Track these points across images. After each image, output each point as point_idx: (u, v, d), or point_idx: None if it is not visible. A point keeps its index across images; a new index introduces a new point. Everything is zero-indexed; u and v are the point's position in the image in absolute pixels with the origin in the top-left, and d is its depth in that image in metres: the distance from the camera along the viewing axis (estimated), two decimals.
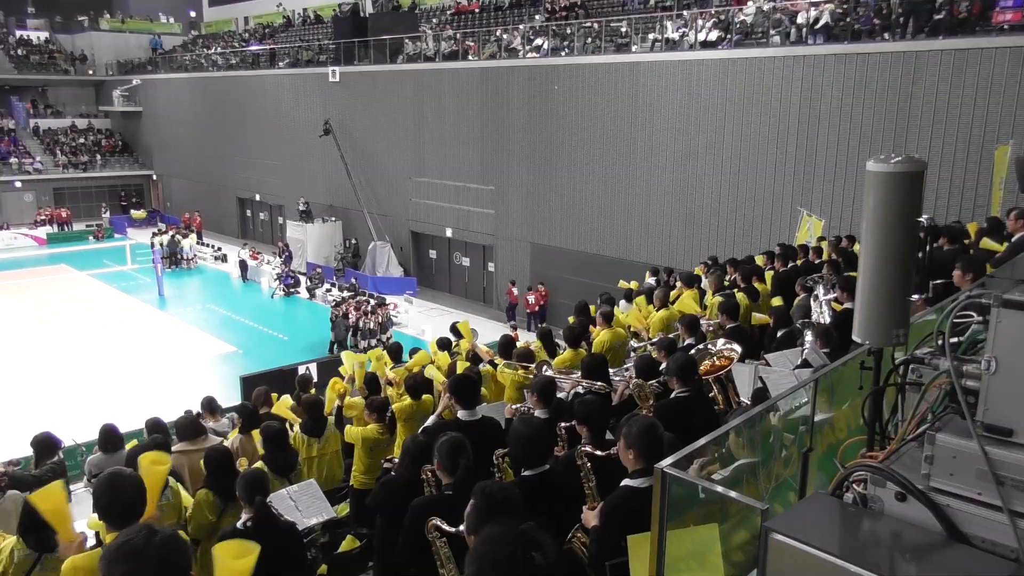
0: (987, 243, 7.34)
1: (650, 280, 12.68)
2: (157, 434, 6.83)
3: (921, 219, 2.69)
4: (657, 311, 8.86)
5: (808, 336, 6.14)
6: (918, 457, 1.91)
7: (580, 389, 5.62)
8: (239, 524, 4.25)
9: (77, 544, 3.46)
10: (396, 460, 5.14)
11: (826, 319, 7.05)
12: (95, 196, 42.24)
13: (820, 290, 7.80)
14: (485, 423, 5.04)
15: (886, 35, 15.17)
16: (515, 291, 22.34)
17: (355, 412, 7.00)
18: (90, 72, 46.10)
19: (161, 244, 30.13)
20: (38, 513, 3.63)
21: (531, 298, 21.67)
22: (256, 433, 6.19)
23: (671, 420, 4.33)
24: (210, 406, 8.08)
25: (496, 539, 1.84)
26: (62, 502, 3.41)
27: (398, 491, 4.46)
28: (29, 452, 9.29)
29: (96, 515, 3.56)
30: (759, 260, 11.65)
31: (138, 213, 41.63)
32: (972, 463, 1.78)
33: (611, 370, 6.67)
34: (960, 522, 1.78)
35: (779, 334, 7.30)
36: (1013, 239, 7.17)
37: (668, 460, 2.17)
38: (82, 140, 44.31)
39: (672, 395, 4.95)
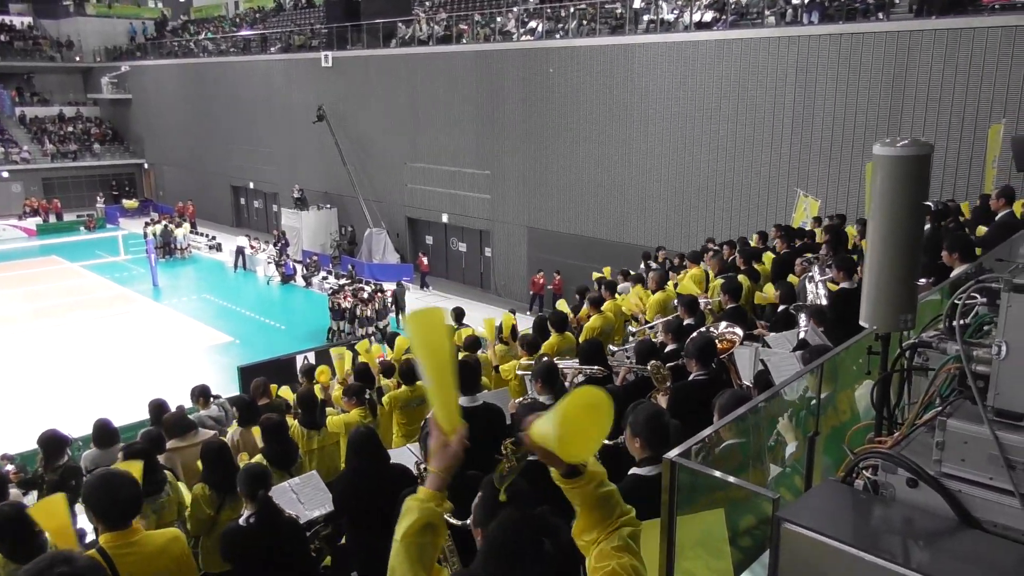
0: (981, 230, 7.36)
1: (652, 264, 12.72)
2: (152, 427, 6.76)
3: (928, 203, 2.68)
4: (654, 294, 8.89)
5: (802, 318, 6.17)
6: (928, 442, 1.91)
7: (581, 377, 5.62)
8: (241, 520, 4.17)
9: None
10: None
11: (822, 300, 7.06)
12: (85, 186, 41.89)
13: (815, 271, 7.81)
14: (487, 408, 5.04)
15: (880, 14, 15.10)
16: (425, 260, 25.54)
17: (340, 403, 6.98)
18: (77, 59, 45.58)
19: (154, 234, 29.98)
20: (18, 523, 3.51)
21: (540, 281, 21.62)
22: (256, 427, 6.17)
23: (690, 403, 4.32)
24: (202, 394, 8.05)
25: (507, 523, 1.84)
26: (65, 517, 3.27)
27: (347, 484, 4.48)
28: (25, 447, 9.33)
29: (89, 517, 3.45)
30: (752, 241, 11.67)
31: (130, 203, 41.34)
32: (983, 448, 1.78)
33: (613, 348, 6.69)
34: (972, 507, 1.78)
35: (778, 309, 7.33)
36: (997, 218, 7.20)
37: (676, 450, 2.16)
38: (70, 128, 43.92)
39: (690, 377, 4.95)
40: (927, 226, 7.44)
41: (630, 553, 2.12)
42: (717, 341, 5.44)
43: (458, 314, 10.99)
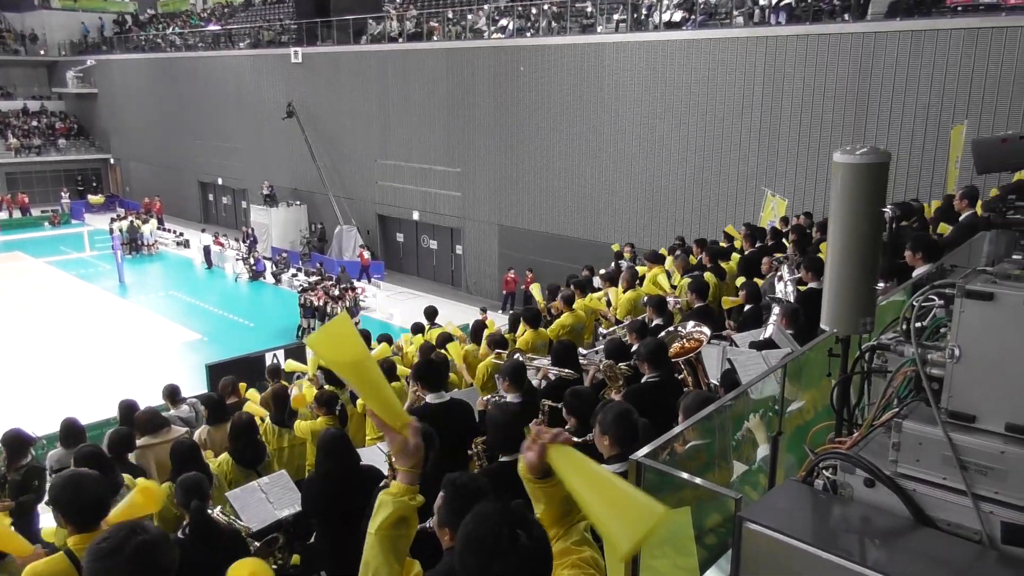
0: (944, 228, 7.51)
1: (623, 264, 12.76)
2: (123, 426, 6.68)
3: (885, 209, 2.74)
4: (624, 292, 8.93)
5: (775, 310, 6.21)
6: (885, 443, 1.96)
7: (551, 376, 5.64)
8: (179, 533, 4.06)
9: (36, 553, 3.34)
10: None
11: (791, 299, 7.14)
12: (50, 181, 41.03)
13: (784, 270, 7.91)
14: (455, 405, 5.04)
15: (846, 15, 15.34)
16: (367, 255, 25.75)
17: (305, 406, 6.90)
18: (41, 52, 44.55)
19: (120, 230, 29.41)
20: None
21: (513, 279, 21.49)
22: (225, 425, 6.11)
23: (642, 405, 4.36)
24: (172, 394, 7.94)
25: (483, 516, 1.87)
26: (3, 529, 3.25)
27: (317, 487, 4.46)
28: None
29: (56, 518, 3.42)
30: (722, 243, 11.78)
31: (96, 198, 40.54)
32: (937, 449, 1.84)
33: (582, 351, 6.72)
34: (926, 506, 1.84)
35: (746, 308, 7.39)
36: (960, 218, 7.36)
37: (643, 451, 2.19)
38: (35, 123, 42.96)
39: (643, 379, 4.99)
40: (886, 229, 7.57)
41: (589, 546, 2.18)
42: (685, 340, 5.49)
43: (430, 313, 10.97)
